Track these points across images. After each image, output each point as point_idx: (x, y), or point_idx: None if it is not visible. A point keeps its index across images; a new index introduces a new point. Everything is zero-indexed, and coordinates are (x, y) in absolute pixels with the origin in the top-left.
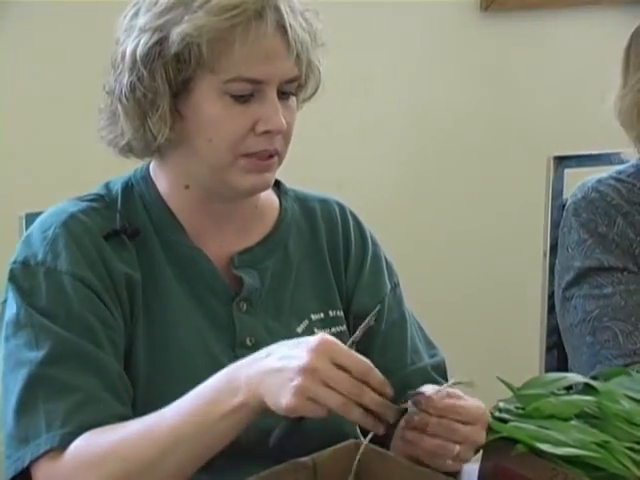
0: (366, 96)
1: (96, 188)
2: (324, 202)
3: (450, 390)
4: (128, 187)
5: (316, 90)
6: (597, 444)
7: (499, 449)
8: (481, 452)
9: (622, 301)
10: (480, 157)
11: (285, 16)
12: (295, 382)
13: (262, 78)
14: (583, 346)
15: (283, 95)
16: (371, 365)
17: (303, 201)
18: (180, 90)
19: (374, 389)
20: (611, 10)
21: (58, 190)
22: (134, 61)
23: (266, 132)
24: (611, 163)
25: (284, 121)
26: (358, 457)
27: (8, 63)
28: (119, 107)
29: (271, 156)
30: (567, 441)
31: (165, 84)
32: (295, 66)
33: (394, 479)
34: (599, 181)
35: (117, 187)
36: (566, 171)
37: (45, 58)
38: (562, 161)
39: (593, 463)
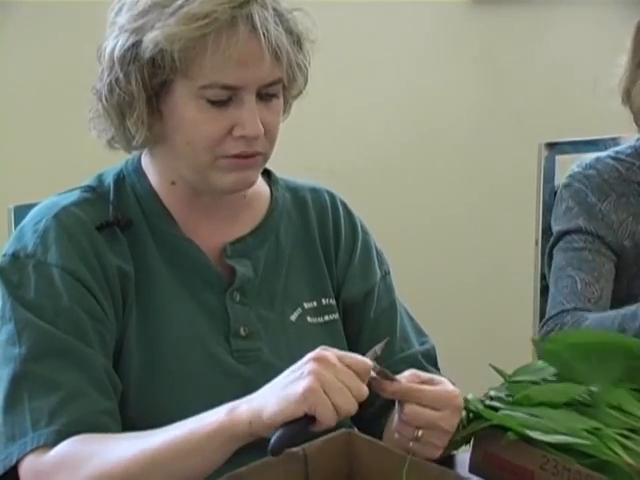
0: (358, 84)
1: (88, 180)
2: (315, 191)
3: (430, 376)
4: (120, 178)
5: (304, 88)
6: (587, 431)
7: (490, 437)
8: (472, 440)
9: (590, 256)
10: (472, 144)
11: (258, 23)
12: (309, 368)
13: (237, 84)
14: (550, 302)
15: (266, 97)
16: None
17: (294, 190)
18: (159, 91)
19: None
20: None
21: (47, 182)
22: (112, 62)
23: (241, 137)
24: (601, 150)
25: (261, 126)
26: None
27: (4, 62)
28: (100, 106)
29: (253, 155)
30: (557, 428)
31: (140, 87)
32: (275, 69)
33: (386, 468)
34: (597, 159)
35: (109, 179)
36: (557, 157)
37: (40, 55)
38: (553, 147)
39: (584, 450)
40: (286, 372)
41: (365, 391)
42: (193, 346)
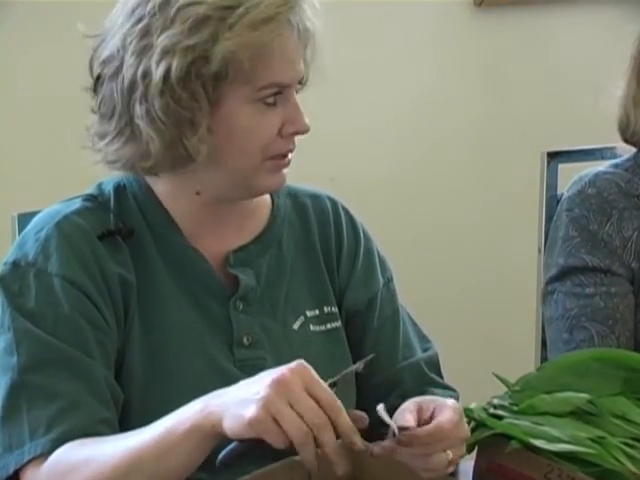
0: (360, 91)
1: (89, 189)
2: (316, 197)
3: (417, 401)
4: (120, 187)
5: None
6: (592, 440)
7: (493, 446)
8: (475, 449)
9: (602, 303)
10: (474, 152)
11: (306, 21)
12: (263, 394)
13: (289, 82)
14: (559, 342)
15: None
16: (342, 407)
17: (295, 197)
18: (211, 106)
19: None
20: (605, 5)
21: (51, 190)
22: (168, 84)
23: (293, 133)
24: (604, 158)
25: (307, 121)
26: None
27: (4, 63)
28: (148, 131)
29: (289, 152)
30: (562, 437)
31: (205, 102)
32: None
33: (390, 477)
34: (596, 175)
35: (109, 187)
36: (560, 166)
37: (42, 59)
38: (556, 156)
39: (588, 459)
40: (251, 379)
41: (323, 424)
42: (196, 355)
